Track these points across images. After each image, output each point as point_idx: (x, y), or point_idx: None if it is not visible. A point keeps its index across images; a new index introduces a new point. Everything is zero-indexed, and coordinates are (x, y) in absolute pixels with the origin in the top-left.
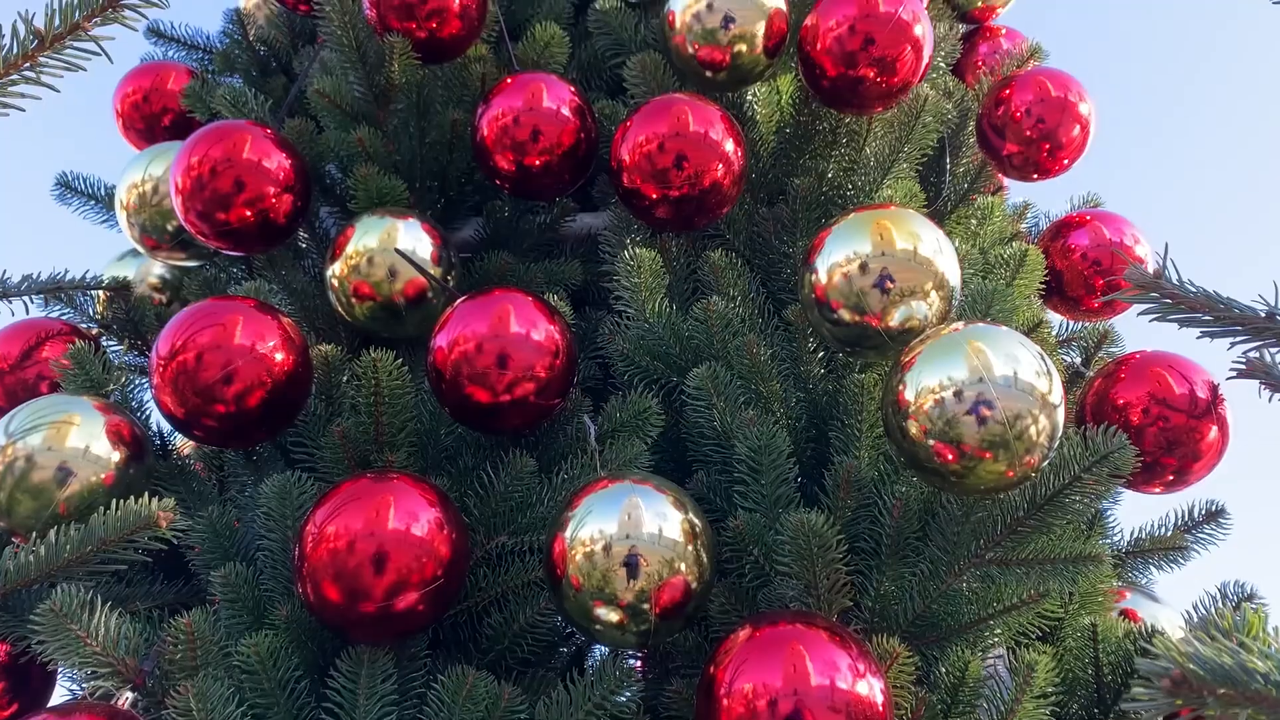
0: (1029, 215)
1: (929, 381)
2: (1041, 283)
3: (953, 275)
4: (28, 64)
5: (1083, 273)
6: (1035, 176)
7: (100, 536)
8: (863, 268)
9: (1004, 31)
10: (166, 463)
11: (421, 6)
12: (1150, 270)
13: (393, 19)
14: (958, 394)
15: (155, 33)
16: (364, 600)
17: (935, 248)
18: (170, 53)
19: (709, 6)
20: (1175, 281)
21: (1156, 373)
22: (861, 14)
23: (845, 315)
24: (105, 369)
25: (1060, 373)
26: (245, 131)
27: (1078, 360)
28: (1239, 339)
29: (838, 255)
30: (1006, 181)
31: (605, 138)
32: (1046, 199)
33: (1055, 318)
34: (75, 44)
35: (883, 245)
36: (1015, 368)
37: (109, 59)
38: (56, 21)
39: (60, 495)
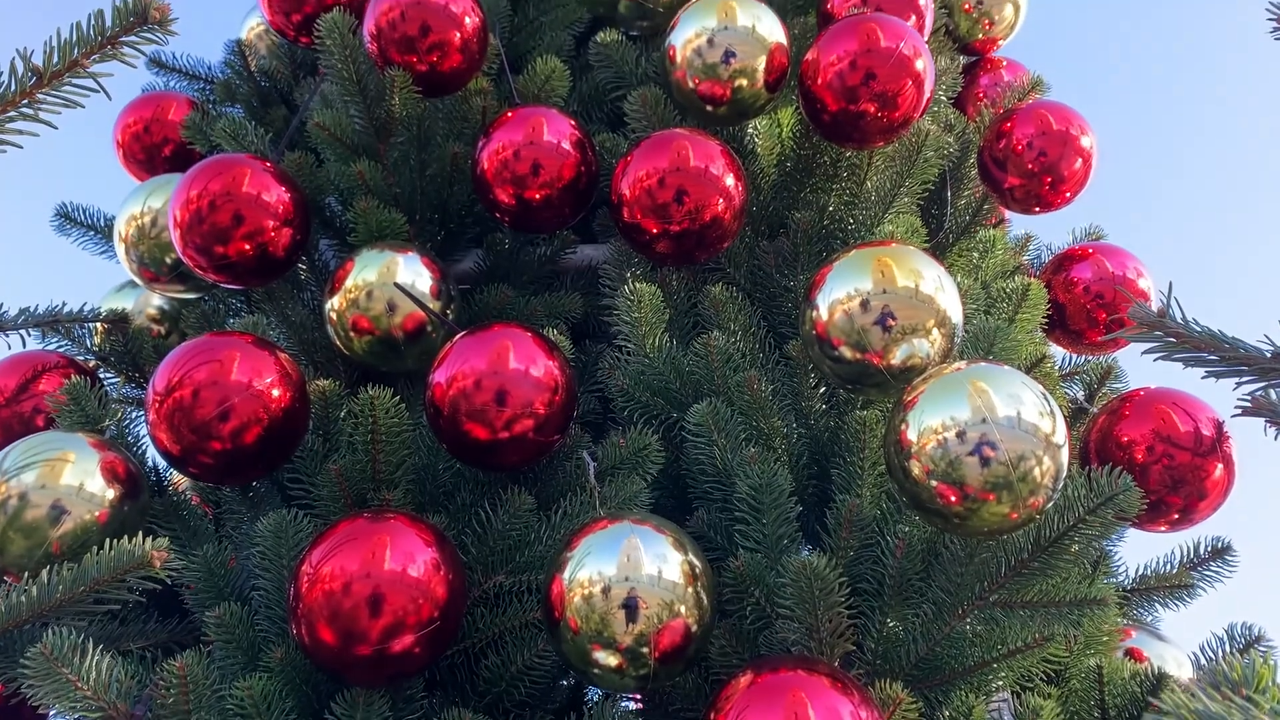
0: (1031, 247)
1: (931, 421)
2: (1044, 316)
3: (954, 312)
4: (26, 101)
5: (1085, 306)
6: (1037, 209)
7: (93, 577)
8: (864, 305)
9: (1005, 63)
10: (162, 499)
11: (422, 40)
12: (1154, 308)
13: (394, 52)
14: (960, 435)
15: (156, 63)
16: (359, 643)
17: (936, 285)
18: (171, 83)
19: (710, 42)
20: (1180, 320)
21: (1161, 410)
22: (863, 49)
23: (846, 353)
24: (101, 404)
25: (1064, 410)
26: (245, 165)
27: (1081, 396)
28: (1245, 379)
29: (839, 292)
30: (1008, 214)
31: (606, 171)
32: (1048, 231)
33: (1058, 351)
34: (74, 81)
35: (884, 282)
36: (1018, 408)
37: (108, 96)
38: (55, 59)
39: (53, 534)
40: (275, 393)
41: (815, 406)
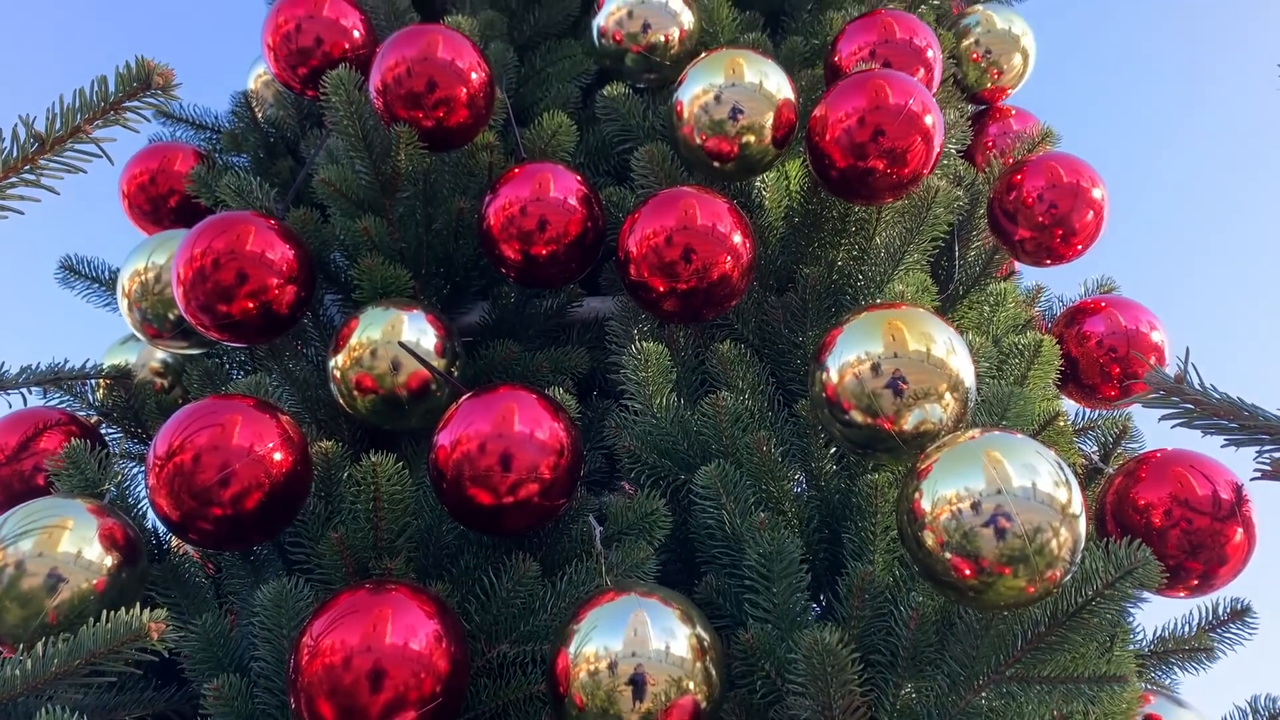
0: (1042, 298)
1: (946, 491)
2: (1057, 371)
3: (967, 376)
4: (28, 167)
5: (1098, 361)
6: (1049, 262)
7: (89, 649)
8: (875, 369)
9: (1014, 112)
10: (161, 565)
11: (428, 96)
12: (1171, 372)
13: (399, 108)
14: (975, 506)
15: (163, 113)
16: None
17: (948, 348)
18: (178, 133)
19: (717, 98)
20: (1197, 386)
21: (1178, 473)
22: (871, 105)
23: (857, 417)
24: (101, 466)
25: (1079, 471)
26: (249, 223)
27: (1096, 455)
28: (1267, 448)
29: (849, 355)
30: (1019, 265)
31: (613, 225)
32: (1060, 281)
33: (1070, 404)
34: (76, 146)
35: (895, 346)
36: (1034, 478)
37: (110, 161)
38: (58, 124)
39: (50, 603)
40: (277, 457)
41: (826, 467)
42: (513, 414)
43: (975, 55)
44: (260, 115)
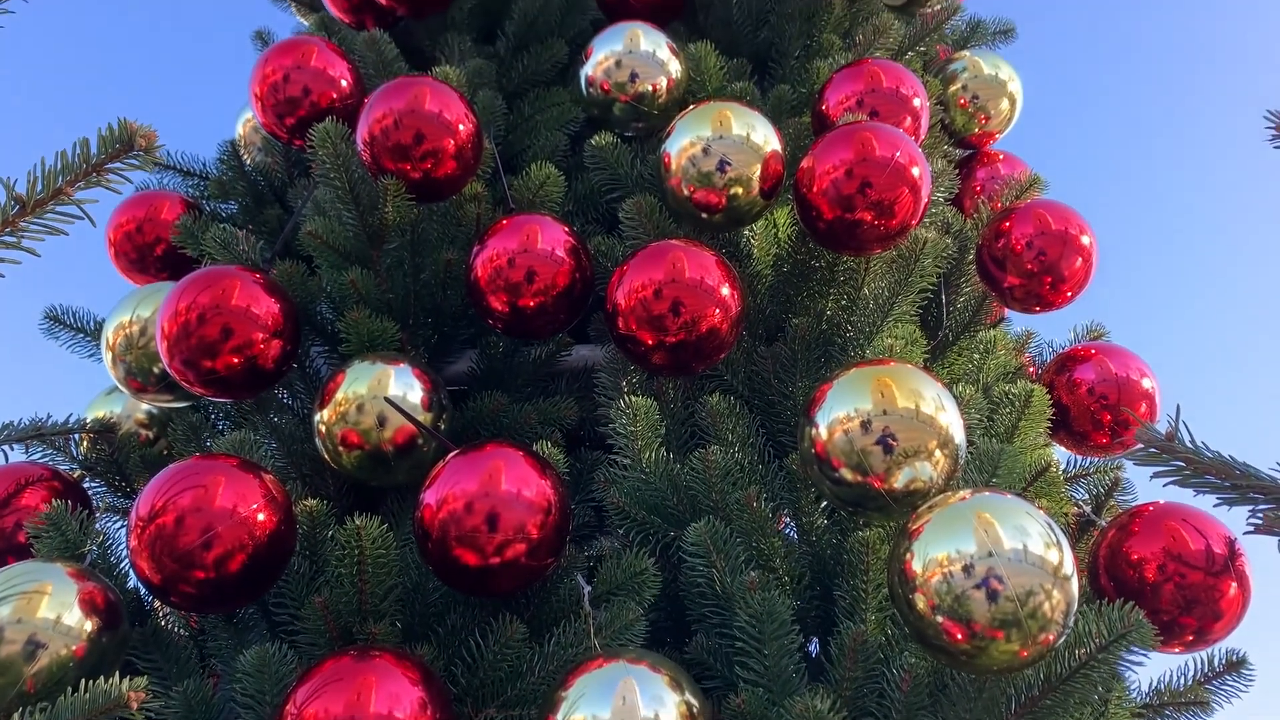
0: (1032, 343)
1: (936, 554)
2: (1048, 419)
3: (957, 433)
4: (8, 229)
5: (1089, 409)
6: (1038, 309)
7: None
8: (864, 426)
9: (1002, 157)
10: (143, 629)
11: (416, 148)
12: (1162, 429)
13: (387, 160)
14: (967, 569)
15: (151, 160)
16: None
17: (937, 404)
18: (166, 180)
19: (705, 150)
20: (1189, 445)
21: (1171, 527)
22: (858, 158)
23: (847, 475)
24: (82, 527)
25: (1072, 526)
26: (234, 278)
27: (1088, 507)
28: (1260, 507)
29: (838, 411)
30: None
31: (602, 275)
32: (1049, 326)
33: (1061, 450)
34: (57, 208)
35: (884, 403)
36: (1025, 540)
37: (92, 223)
38: (39, 186)
39: (29, 671)
40: (260, 518)
41: (817, 522)
42: (499, 472)
43: (962, 101)
44: (249, 159)
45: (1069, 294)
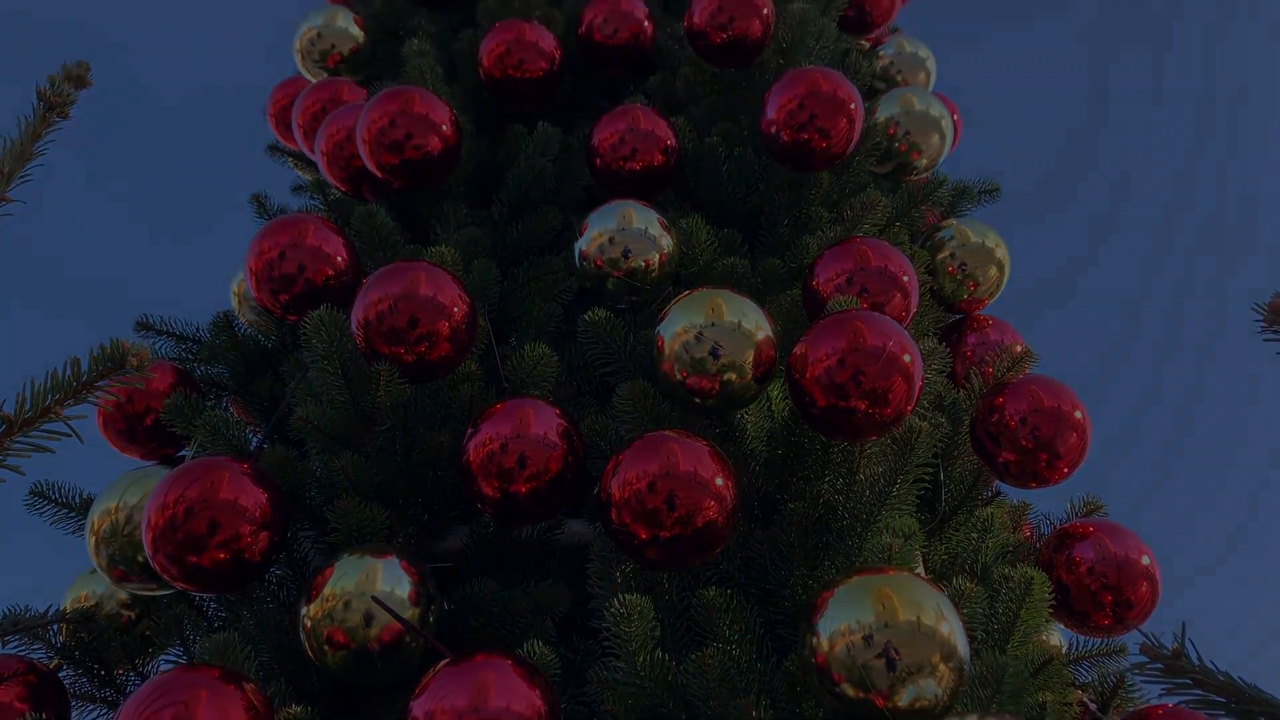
0: (1029, 513)
1: None
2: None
3: (961, 645)
4: None
5: (1090, 589)
6: (1034, 485)
7: None
8: (866, 640)
9: (991, 322)
10: None
11: (411, 332)
12: (1170, 647)
13: (381, 344)
14: None
15: (144, 325)
16: None
17: (938, 614)
18: (157, 344)
19: (697, 337)
20: (1196, 664)
21: None
22: (850, 346)
23: (849, 690)
24: None
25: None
26: (223, 469)
27: (1093, 703)
28: None
29: (839, 623)
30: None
31: (594, 455)
32: (1046, 496)
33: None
34: (45, 426)
35: (886, 616)
36: None
37: (80, 439)
38: (27, 406)
39: None
40: None
41: None
42: (489, 686)
43: (951, 268)
44: (242, 318)
45: (1065, 470)
